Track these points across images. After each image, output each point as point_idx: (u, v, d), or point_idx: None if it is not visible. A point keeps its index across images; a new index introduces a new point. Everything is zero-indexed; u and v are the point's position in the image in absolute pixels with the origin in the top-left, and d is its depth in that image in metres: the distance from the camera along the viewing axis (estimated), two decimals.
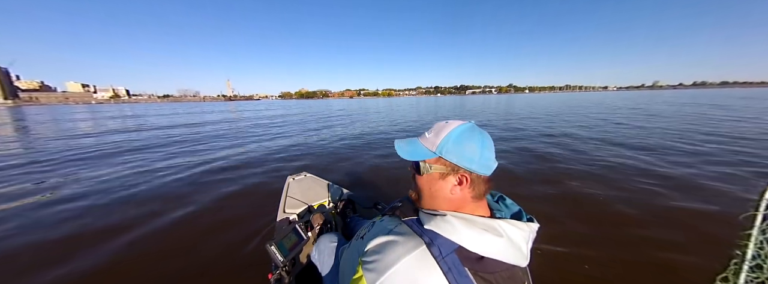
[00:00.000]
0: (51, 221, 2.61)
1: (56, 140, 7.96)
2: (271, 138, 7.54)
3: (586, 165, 3.96)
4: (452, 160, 0.56)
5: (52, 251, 2.09)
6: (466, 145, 0.56)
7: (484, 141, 0.58)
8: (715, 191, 2.86)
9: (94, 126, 12.14)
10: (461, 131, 0.57)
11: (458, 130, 0.57)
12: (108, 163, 4.89)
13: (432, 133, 0.60)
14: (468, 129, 0.58)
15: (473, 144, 0.56)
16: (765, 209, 1.04)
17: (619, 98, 36.71)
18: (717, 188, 2.96)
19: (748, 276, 1.09)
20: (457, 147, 0.56)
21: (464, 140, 0.56)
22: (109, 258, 1.97)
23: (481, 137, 0.58)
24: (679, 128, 7.07)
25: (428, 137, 0.60)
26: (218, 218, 2.56)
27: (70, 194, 3.29)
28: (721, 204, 2.54)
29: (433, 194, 0.59)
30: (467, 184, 0.56)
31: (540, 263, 1.70)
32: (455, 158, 0.56)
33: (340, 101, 70.13)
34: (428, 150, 0.59)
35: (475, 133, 0.58)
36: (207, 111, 26.16)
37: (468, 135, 0.57)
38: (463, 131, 0.57)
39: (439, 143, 0.57)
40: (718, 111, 11.51)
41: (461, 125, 0.59)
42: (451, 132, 0.57)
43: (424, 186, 0.61)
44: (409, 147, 0.62)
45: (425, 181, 0.60)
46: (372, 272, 0.51)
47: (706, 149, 4.68)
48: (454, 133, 0.57)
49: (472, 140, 0.56)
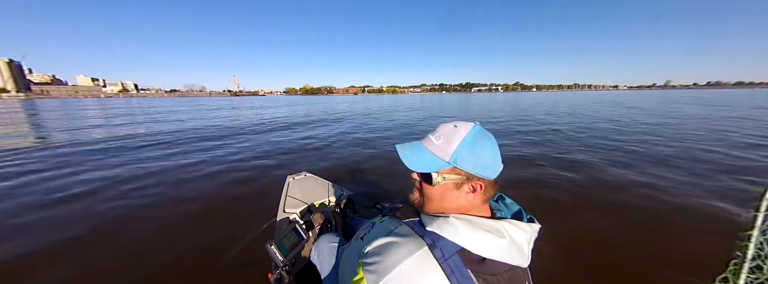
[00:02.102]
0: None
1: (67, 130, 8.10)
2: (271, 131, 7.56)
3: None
4: (468, 169, 0.54)
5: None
6: (480, 152, 0.54)
7: (494, 144, 0.56)
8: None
9: (102, 119, 12.37)
10: (473, 136, 0.54)
11: (470, 136, 0.54)
12: (105, 164, 4.95)
13: (441, 139, 0.56)
14: (479, 133, 0.55)
15: (486, 150, 0.54)
16: (765, 211, 1.05)
17: (639, 96, 33.74)
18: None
19: (748, 277, 1.11)
20: (472, 156, 0.53)
21: (478, 147, 0.54)
22: (109, 257, 1.97)
23: (490, 141, 0.56)
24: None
25: (438, 144, 0.56)
26: (218, 217, 2.56)
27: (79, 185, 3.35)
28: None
29: (443, 202, 0.57)
30: (480, 191, 0.55)
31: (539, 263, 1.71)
32: (471, 167, 0.54)
33: (344, 98, 69.85)
34: (440, 159, 0.55)
35: (485, 136, 0.56)
36: (212, 108, 26.09)
37: (480, 141, 0.55)
38: (475, 137, 0.54)
39: (452, 152, 0.54)
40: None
41: (472, 129, 0.56)
42: (464, 139, 0.54)
43: (436, 196, 0.58)
44: (416, 156, 0.58)
45: (438, 191, 0.57)
46: (373, 273, 0.50)
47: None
48: (467, 139, 0.54)
49: (485, 147, 0.55)
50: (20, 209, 2.79)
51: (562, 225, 2.24)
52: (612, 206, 2.59)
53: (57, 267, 1.86)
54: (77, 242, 2.18)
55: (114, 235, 2.28)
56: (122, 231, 2.33)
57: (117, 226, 2.44)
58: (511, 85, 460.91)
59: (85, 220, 2.54)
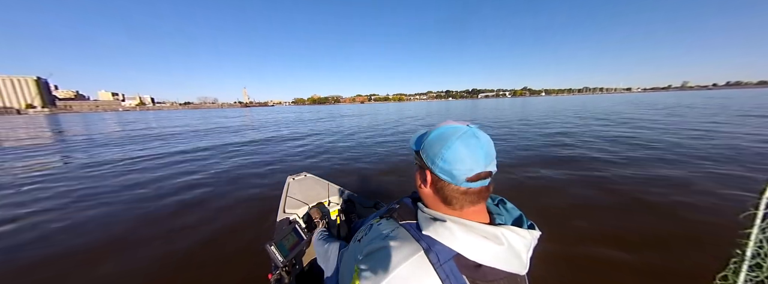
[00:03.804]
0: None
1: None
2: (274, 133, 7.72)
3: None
4: (424, 157, 0.56)
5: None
6: (444, 146, 0.52)
7: (470, 150, 0.51)
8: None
9: (110, 134, 12.82)
10: (449, 130, 0.54)
11: (447, 129, 0.54)
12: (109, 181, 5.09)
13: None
14: (456, 131, 0.53)
15: (453, 149, 0.51)
16: (765, 208, 1.02)
17: (675, 97, 29.58)
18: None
19: (748, 275, 1.07)
20: (433, 147, 0.54)
21: (445, 141, 0.52)
22: (107, 253, 2.04)
23: (465, 144, 0.51)
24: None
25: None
26: (218, 217, 2.58)
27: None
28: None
29: (416, 183, 0.61)
30: (430, 184, 0.56)
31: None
32: (426, 156, 0.55)
33: (350, 106, 70.49)
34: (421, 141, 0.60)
35: (464, 138, 0.52)
36: (222, 121, 26.51)
37: (452, 137, 0.52)
38: (445, 132, 0.54)
39: (424, 139, 0.57)
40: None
41: (454, 125, 0.55)
42: (439, 128, 0.55)
43: (415, 175, 0.62)
44: (415, 138, 0.62)
45: (416, 171, 0.62)
46: (368, 279, 0.50)
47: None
48: (441, 130, 0.55)
49: (453, 146, 0.51)
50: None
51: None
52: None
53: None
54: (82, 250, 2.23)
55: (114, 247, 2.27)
56: (123, 232, 2.38)
57: (115, 230, 2.46)
58: (519, 90, 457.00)
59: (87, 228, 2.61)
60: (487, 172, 0.53)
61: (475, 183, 0.52)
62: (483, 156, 0.51)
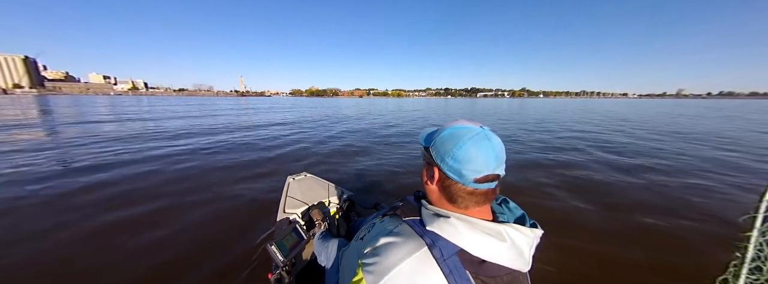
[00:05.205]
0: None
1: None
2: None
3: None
4: (433, 154, 0.56)
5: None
6: (455, 145, 0.53)
7: (482, 150, 0.52)
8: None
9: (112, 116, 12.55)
10: (457, 130, 0.55)
11: (460, 128, 0.55)
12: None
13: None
14: (468, 132, 0.54)
15: (465, 149, 0.52)
16: (765, 211, 1.03)
17: (680, 106, 29.10)
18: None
19: (748, 278, 1.08)
20: (444, 144, 0.54)
21: (456, 141, 0.53)
22: (107, 254, 1.99)
23: (476, 146, 0.52)
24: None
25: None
26: (218, 217, 2.56)
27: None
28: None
29: (423, 179, 0.61)
30: (437, 182, 0.56)
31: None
32: (436, 153, 0.55)
33: (349, 100, 70.21)
34: (431, 138, 0.60)
35: (476, 139, 0.52)
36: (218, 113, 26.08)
37: (464, 138, 0.53)
38: (457, 131, 0.54)
39: (435, 136, 0.57)
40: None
41: (467, 125, 0.56)
42: (452, 126, 0.56)
43: (422, 171, 0.62)
44: (426, 134, 0.62)
45: (424, 167, 0.62)
46: (372, 274, 0.50)
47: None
48: (450, 129, 0.55)
49: (464, 146, 0.52)
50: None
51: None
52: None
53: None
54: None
55: (111, 234, 2.26)
56: (121, 233, 2.30)
57: (114, 225, 2.44)
58: (518, 91, 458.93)
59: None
60: (496, 175, 0.53)
61: (483, 185, 0.53)
62: (493, 158, 0.52)
